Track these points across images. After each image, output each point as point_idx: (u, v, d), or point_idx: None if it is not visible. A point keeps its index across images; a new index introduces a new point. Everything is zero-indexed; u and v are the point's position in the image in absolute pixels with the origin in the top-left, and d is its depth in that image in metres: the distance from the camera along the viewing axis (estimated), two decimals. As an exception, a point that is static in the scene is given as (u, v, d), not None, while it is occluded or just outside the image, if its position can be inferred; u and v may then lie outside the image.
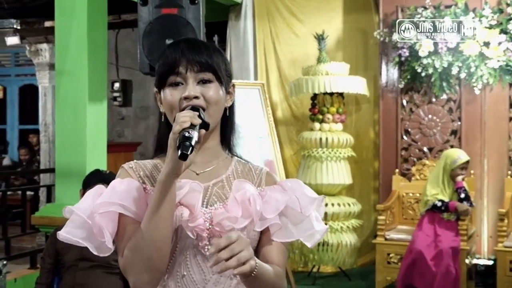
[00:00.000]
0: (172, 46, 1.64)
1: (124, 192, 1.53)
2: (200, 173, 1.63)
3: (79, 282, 3.55)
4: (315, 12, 6.77)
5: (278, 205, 1.60)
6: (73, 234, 1.53)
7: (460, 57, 5.84)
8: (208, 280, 1.57)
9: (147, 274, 1.49)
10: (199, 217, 1.54)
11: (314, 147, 6.07)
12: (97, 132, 4.82)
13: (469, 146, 5.94)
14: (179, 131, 1.43)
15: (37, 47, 8.65)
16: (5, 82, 11.88)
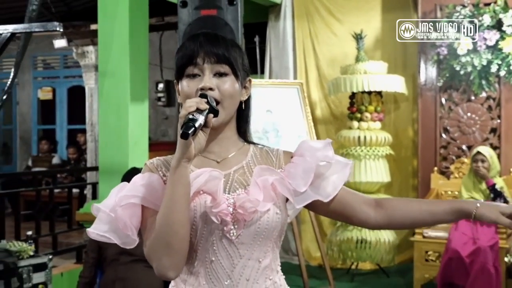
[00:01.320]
0: (191, 38, 1.64)
1: (144, 185, 1.56)
2: (220, 161, 1.65)
3: (120, 276, 3.61)
4: (353, 12, 6.74)
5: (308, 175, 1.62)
6: (100, 230, 1.55)
7: (499, 54, 5.75)
8: (236, 264, 1.58)
9: (167, 258, 1.50)
10: (222, 202, 1.55)
11: (352, 146, 6.05)
12: (138, 131, 4.89)
13: (509, 144, 5.86)
14: (184, 115, 1.45)
15: (83, 50, 8.81)
16: (54, 84, 12.09)
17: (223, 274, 1.58)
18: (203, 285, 1.60)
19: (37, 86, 12.24)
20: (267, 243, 1.62)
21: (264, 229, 1.59)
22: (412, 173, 6.58)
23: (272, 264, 1.65)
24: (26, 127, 12.30)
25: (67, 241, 6.79)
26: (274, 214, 1.60)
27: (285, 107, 6.06)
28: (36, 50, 11.24)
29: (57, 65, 12.11)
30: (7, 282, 3.91)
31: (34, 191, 5.76)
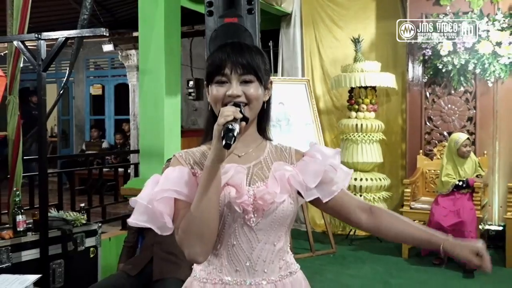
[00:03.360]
0: (219, 48, 1.57)
1: (176, 178, 1.49)
2: (241, 155, 1.59)
3: (158, 240, 3.57)
4: (352, 20, 6.64)
5: (317, 175, 1.56)
6: (139, 220, 1.49)
7: (475, 55, 5.66)
8: (254, 248, 1.53)
9: (199, 247, 1.46)
10: (244, 194, 1.49)
11: (351, 132, 5.98)
12: (172, 120, 4.85)
13: (482, 131, 5.78)
14: (223, 123, 1.37)
15: (127, 53, 8.79)
16: (103, 82, 12.15)
17: (243, 256, 1.54)
18: (225, 265, 1.55)
19: (89, 84, 12.30)
20: (282, 229, 1.58)
21: (280, 217, 1.54)
22: (401, 155, 6.49)
23: (284, 246, 1.61)
24: (80, 118, 12.38)
25: (114, 211, 6.76)
26: (289, 204, 1.55)
27: (295, 100, 6.02)
28: (88, 54, 11.28)
29: (106, 66, 12.15)
30: (64, 246, 3.89)
31: (87, 170, 5.74)
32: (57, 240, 3.84)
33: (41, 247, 3.61)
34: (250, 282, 1.53)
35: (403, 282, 4.59)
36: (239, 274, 1.54)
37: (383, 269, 4.97)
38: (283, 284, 1.57)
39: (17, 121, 4.24)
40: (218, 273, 1.55)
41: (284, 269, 1.59)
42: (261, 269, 1.54)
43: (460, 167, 5.20)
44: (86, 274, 4.02)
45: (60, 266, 3.84)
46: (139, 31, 4.87)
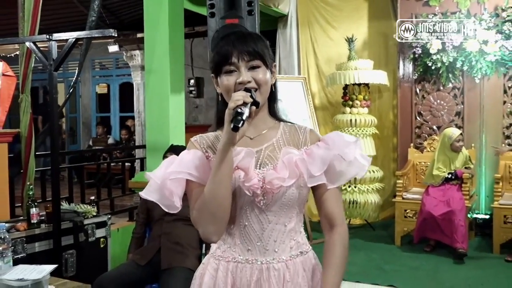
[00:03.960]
0: (224, 38, 1.54)
1: (190, 161, 1.48)
2: (253, 137, 1.56)
3: (165, 231, 3.56)
4: (346, 20, 6.61)
5: (323, 163, 1.50)
6: (150, 196, 1.49)
7: (463, 53, 5.64)
8: (265, 228, 1.52)
9: (212, 226, 1.45)
10: (254, 177, 1.47)
11: (345, 126, 5.96)
12: (177, 117, 4.83)
13: (470, 125, 5.77)
14: (233, 107, 1.37)
15: (131, 53, 8.75)
16: (108, 81, 12.13)
17: (254, 236, 1.53)
18: (238, 244, 1.54)
19: (95, 83, 12.27)
20: (292, 210, 1.55)
21: (289, 200, 1.52)
22: (392, 148, 6.49)
23: (296, 226, 1.57)
24: (87, 115, 12.36)
25: (121, 204, 6.75)
26: (297, 188, 1.52)
27: (292, 97, 6.00)
28: (94, 55, 11.23)
29: (111, 66, 12.12)
30: (76, 237, 3.88)
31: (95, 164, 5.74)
32: (69, 232, 3.82)
33: (54, 238, 3.60)
34: (262, 261, 1.52)
35: (397, 268, 4.59)
36: (251, 253, 1.53)
37: (378, 256, 4.97)
38: (293, 263, 1.54)
39: (29, 119, 4.22)
40: (231, 251, 1.54)
41: (295, 249, 1.56)
42: (272, 249, 1.53)
43: (452, 161, 5.19)
44: (97, 264, 4.00)
45: (72, 256, 3.82)
46: (145, 33, 4.84)
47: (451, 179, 5.11)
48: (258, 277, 1.51)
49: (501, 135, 5.66)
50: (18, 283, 2.13)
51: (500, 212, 4.97)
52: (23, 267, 2.30)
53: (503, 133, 5.67)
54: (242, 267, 1.53)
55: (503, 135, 5.66)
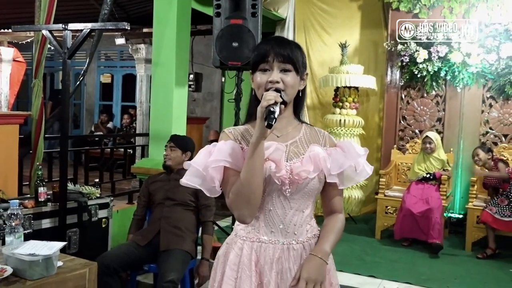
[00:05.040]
0: (265, 41, 1.62)
1: (228, 151, 1.54)
2: (280, 136, 1.64)
3: (165, 215, 3.53)
4: (340, 27, 6.59)
5: (341, 166, 1.61)
6: (192, 181, 1.56)
7: (447, 63, 5.64)
8: (287, 214, 1.61)
9: (247, 209, 1.52)
10: (283, 169, 1.55)
11: (335, 126, 5.94)
12: (179, 108, 4.80)
13: (449, 130, 5.79)
14: (266, 106, 1.43)
15: (137, 47, 8.64)
16: (112, 71, 12.05)
17: (277, 220, 1.61)
18: (262, 227, 1.62)
19: (100, 73, 12.18)
20: (310, 199, 1.65)
21: (310, 190, 1.62)
22: (377, 148, 6.49)
23: (310, 213, 1.68)
24: (90, 102, 12.25)
25: (119, 187, 6.67)
26: (318, 180, 1.62)
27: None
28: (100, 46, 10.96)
29: (115, 58, 12.02)
30: (80, 216, 3.83)
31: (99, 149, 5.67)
32: (74, 211, 3.77)
33: (60, 216, 3.55)
34: (283, 242, 1.61)
35: (377, 260, 4.59)
36: (273, 235, 1.62)
37: (359, 247, 4.97)
38: (309, 244, 1.65)
39: (40, 103, 4.15)
40: (256, 233, 1.63)
41: (310, 231, 1.66)
42: (292, 231, 1.62)
43: (425, 161, 5.25)
44: (98, 242, 3.96)
45: (76, 234, 3.77)
46: (154, 28, 4.79)
47: (429, 179, 5.12)
48: (279, 255, 1.60)
49: (477, 142, 5.67)
50: (29, 257, 2.09)
51: (474, 213, 4.99)
52: (34, 243, 2.25)
53: (479, 140, 5.70)
54: (266, 247, 1.61)
55: (479, 142, 5.68)
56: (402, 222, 5.03)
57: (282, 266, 1.60)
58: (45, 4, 3.97)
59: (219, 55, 4.22)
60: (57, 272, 2.19)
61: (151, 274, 3.87)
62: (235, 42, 4.16)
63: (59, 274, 2.19)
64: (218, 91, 10.12)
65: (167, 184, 3.61)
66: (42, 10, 3.99)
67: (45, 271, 2.12)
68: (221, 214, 5.67)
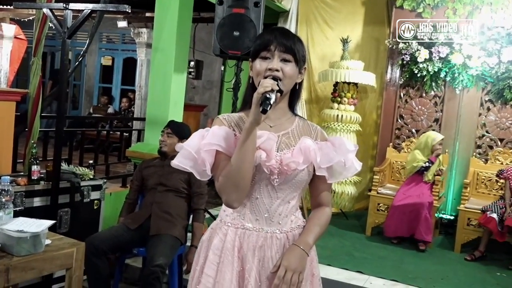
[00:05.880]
0: (269, 31, 1.63)
1: (222, 136, 1.56)
2: (272, 126, 1.65)
3: (157, 200, 3.55)
4: (342, 22, 6.57)
5: (330, 160, 1.63)
6: (183, 163, 1.57)
7: (448, 64, 5.63)
8: (273, 203, 1.62)
9: (235, 194, 1.53)
10: (273, 158, 1.57)
11: (332, 121, 5.93)
12: (177, 94, 4.78)
13: (446, 131, 5.77)
14: (262, 92, 1.45)
15: (139, 31, 8.61)
16: (114, 54, 12.00)
17: (263, 208, 1.63)
18: (247, 214, 1.64)
19: (101, 55, 12.13)
20: (297, 190, 1.67)
21: (298, 181, 1.64)
22: (372, 146, 6.50)
23: (296, 204, 1.70)
24: (90, 84, 12.22)
25: (114, 170, 6.70)
26: (307, 172, 1.64)
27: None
28: (102, 28, 11.04)
29: (117, 41, 11.97)
30: (72, 196, 3.83)
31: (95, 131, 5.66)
32: (66, 191, 3.78)
33: (52, 195, 3.56)
34: (267, 231, 1.63)
35: (366, 256, 4.62)
36: (258, 223, 1.63)
37: (349, 243, 5.00)
38: (292, 235, 1.66)
39: (38, 81, 4.14)
40: (241, 219, 1.64)
41: (295, 222, 1.68)
42: (276, 221, 1.64)
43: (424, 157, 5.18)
44: (89, 223, 3.97)
45: (67, 214, 3.78)
46: (155, 13, 4.76)
47: (427, 168, 5.09)
48: (262, 243, 1.62)
49: (473, 144, 5.69)
50: (18, 234, 2.10)
51: (465, 215, 5.01)
52: (23, 220, 2.26)
53: (475, 143, 5.70)
54: (250, 234, 1.63)
55: (475, 144, 5.69)
56: (392, 218, 5.05)
57: (264, 254, 1.61)
58: (48, -18, 3.94)
59: (220, 44, 4.20)
60: (45, 250, 2.21)
61: (140, 258, 3.89)
62: (236, 31, 4.14)
63: (46, 252, 2.20)
64: (218, 80, 10.09)
65: (161, 170, 3.62)
66: (45, -12, 3.97)
67: (33, 248, 2.14)
68: (213, 203, 5.68)
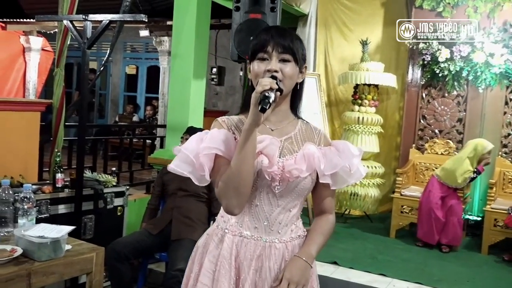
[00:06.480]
0: (265, 30, 1.57)
1: (221, 139, 1.49)
2: (274, 129, 1.59)
3: (177, 205, 3.59)
4: (361, 24, 6.53)
5: (335, 166, 1.56)
6: (181, 168, 1.50)
7: (470, 63, 5.55)
8: (273, 211, 1.56)
9: (235, 199, 1.46)
10: (275, 164, 1.51)
11: (353, 123, 5.91)
12: (197, 100, 4.83)
13: (470, 131, 5.70)
14: (260, 91, 1.38)
15: (160, 39, 8.73)
16: (138, 63, 12.18)
17: (263, 216, 1.56)
18: (246, 221, 1.57)
19: (125, 64, 12.33)
20: (299, 199, 1.60)
21: (300, 190, 1.57)
22: (395, 147, 6.43)
23: (297, 213, 1.63)
24: (115, 93, 12.43)
25: (140, 177, 6.79)
26: (310, 180, 1.57)
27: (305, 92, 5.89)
28: (126, 38, 11.28)
29: (141, 50, 12.16)
30: (95, 203, 3.90)
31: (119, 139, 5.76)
32: (90, 198, 3.85)
33: (76, 202, 3.63)
34: (266, 239, 1.56)
35: (389, 259, 4.57)
36: (257, 231, 1.56)
37: (372, 246, 4.95)
38: (292, 245, 1.60)
39: (62, 91, 4.24)
40: (238, 226, 1.58)
41: (295, 232, 1.62)
42: (276, 230, 1.57)
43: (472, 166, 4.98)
44: (113, 229, 4.03)
45: (91, 221, 3.85)
46: (173, 20, 4.83)
47: (475, 178, 5.00)
48: (260, 252, 1.55)
49: (499, 144, 5.58)
50: (38, 239, 2.16)
51: (492, 216, 4.91)
52: (44, 226, 2.33)
53: (501, 142, 5.60)
54: (247, 242, 1.56)
55: (500, 144, 5.59)
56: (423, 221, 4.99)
57: (261, 264, 1.55)
58: (68, -5, 4.05)
59: (237, 49, 4.24)
60: (65, 255, 2.26)
61: (163, 263, 3.94)
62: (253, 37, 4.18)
63: (66, 257, 2.26)
64: (240, 85, 10.15)
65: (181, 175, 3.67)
66: (66, 1, 4.08)
67: (53, 253, 2.19)
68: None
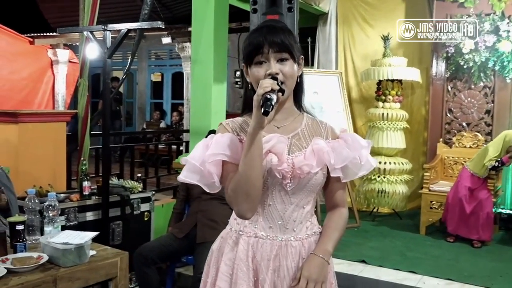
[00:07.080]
0: (256, 30, 1.53)
1: (226, 144, 1.48)
2: (280, 127, 1.57)
3: (202, 209, 3.62)
4: (382, 19, 6.45)
5: (344, 159, 1.56)
6: (190, 177, 1.51)
7: (495, 53, 5.43)
8: (287, 209, 1.54)
9: (246, 204, 1.45)
10: (284, 162, 1.49)
11: (378, 120, 5.84)
12: (218, 104, 4.86)
13: (499, 122, 5.57)
14: (262, 94, 1.36)
15: (183, 45, 8.81)
16: (162, 70, 12.34)
17: (277, 215, 1.55)
18: (260, 222, 1.56)
19: (150, 71, 12.50)
20: (311, 195, 1.58)
21: (312, 185, 1.55)
22: (422, 142, 6.33)
23: (311, 209, 1.61)
24: (142, 101, 12.60)
25: (167, 182, 6.86)
26: (320, 176, 1.56)
27: (328, 90, 5.91)
28: (150, 46, 11.43)
29: (165, 57, 12.30)
30: (122, 209, 3.97)
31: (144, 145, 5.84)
32: (117, 204, 3.91)
33: (103, 209, 3.70)
34: (281, 238, 1.55)
35: (419, 256, 4.50)
36: (272, 231, 1.55)
37: (402, 243, 4.88)
38: (308, 242, 1.58)
39: (86, 101, 4.33)
40: (253, 228, 1.56)
41: (310, 229, 1.60)
42: (291, 228, 1.56)
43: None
44: (140, 234, 4.09)
45: (119, 226, 3.92)
46: (192, 26, 4.87)
47: (497, 167, 4.86)
48: (277, 252, 1.54)
49: (529, 134, 5.43)
50: (63, 246, 2.21)
51: (524, 208, 4.80)
52: (69, 233, 2.38)
53: (531, 132, 5.44)
54: (263, 243, 1.54)
55: (531, 134, 5.43)
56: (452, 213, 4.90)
57: (279, 264, 1.54)
58: (88, 6, 4.15)
59: (256, 51, 4.25)
60: (90, 261, 2.31)
61: (191, 266, 3.98)
62: (270, 38, 4.18)
63: (91, 262, 2.31)
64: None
65: (203, 179, 3.70)
66: (86, 13, 4.18)
67: (78, 259, 2.24)
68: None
